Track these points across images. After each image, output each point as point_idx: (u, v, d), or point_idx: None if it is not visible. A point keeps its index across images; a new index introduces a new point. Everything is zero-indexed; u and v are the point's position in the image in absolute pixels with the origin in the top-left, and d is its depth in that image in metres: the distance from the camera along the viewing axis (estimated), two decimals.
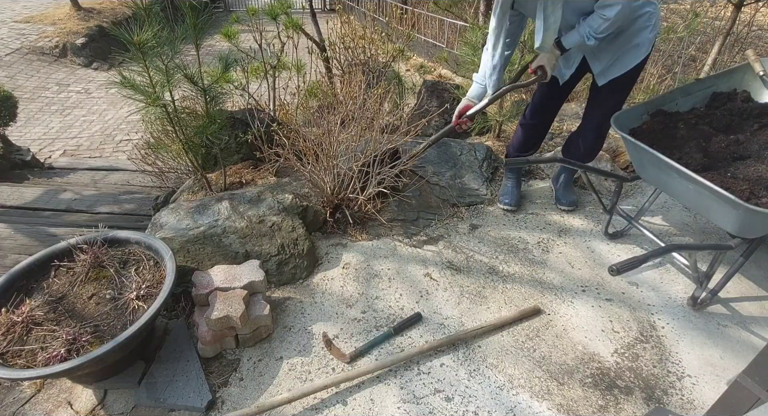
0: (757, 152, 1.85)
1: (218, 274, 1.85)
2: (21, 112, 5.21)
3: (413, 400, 1.61)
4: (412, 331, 1.85)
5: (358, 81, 2.38)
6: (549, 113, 2.39)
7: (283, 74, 3.01)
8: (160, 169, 2.99)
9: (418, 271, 2.12)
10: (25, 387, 1.71)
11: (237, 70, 2.65)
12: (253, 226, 2.09)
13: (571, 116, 3.63)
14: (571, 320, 1.91)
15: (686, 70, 4.77)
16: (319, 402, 1.60)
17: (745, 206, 1.51)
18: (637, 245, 2.29)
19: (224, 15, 11.46)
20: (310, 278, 2.10)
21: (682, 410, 1.59)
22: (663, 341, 1.83)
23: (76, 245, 1.78)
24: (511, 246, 2.28)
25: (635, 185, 2.74)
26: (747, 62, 2.12)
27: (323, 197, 2.32)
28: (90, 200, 3.41)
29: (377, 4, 9.42)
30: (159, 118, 2.18)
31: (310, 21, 4.40)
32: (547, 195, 2.64)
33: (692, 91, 2.11)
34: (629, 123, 2.02)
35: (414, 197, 2.48)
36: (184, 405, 1.59)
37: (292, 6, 3.04)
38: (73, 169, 4.66)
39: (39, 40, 8.73)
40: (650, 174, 1.94)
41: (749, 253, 1.82)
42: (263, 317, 1.75)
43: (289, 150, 2.22)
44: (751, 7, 4.65)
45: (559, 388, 1.65)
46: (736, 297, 2.02)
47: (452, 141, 2.95)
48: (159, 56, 1.91)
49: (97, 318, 1.60)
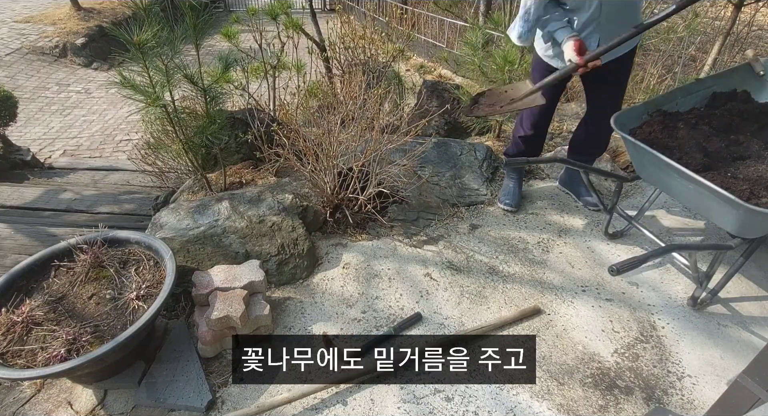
0: (757, 152, 1.85)
1: (218, 274, 1.85)
2: (21, 112, 5.20)
3: (413, 400, 1.60)
4: (412, 331, 1.85)
5: (358, 81, 2.38)
6: (548, 118, 2.39)
7: (283, 74, 3.01)
8: (160, 169, 2.99)
9: (418, 271, 2.12)
10: (25, 387, 1.71)
11: (237, 70, 2.64)
12: (253, 226, 2.08)
13: (571, 116, 3.63)
14: (571, 320, 1.91)
15: (686, 70, 4.77)
16: (319, 402, 1.60)
17: (745, 206, 1.51)
18: (637, 245, 2.28)
19: (224, 15, 11.46)
20: (310, 278, 2.10)
21: (682, 410, 1.59)
22: (663, 341, 1.83)
23: (76, 245, 1.78)
24: (511, 246, 2.28)
25: (635, 185, 2.74)
26: (747, 62, 2.12)
27: (323, 197, 2.32)
28: (90, 200, 3.41)
29: (377, 4, 9.42)
30: (159, 118, 2.18)
31: (310, 21, 4.39)
32: (547, 195, 2.64)
33: (692, 91, 2.11)
34: (629, 123, 2.02)
35: (414, 197, 2.48)
36: (184, 405, 1.59)
37: (292, 6, 3.04)
38: (73, 169, 4.66)
39: (39, 40, 8.72)
40: (650, 174, 1.93)
41: (749, 253, 1.82)
42: (263, 317, 1.75)
43: (289, 150, 2.22)
44: (751, 7, 4.65)
45: (559, 388, 1.65)
46: (736, 297, 2.02)
47: (452, 141, 2.95)
48: (159, 56, 1.91)
49: (97, 318, 1.60)
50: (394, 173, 2.26)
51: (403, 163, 2.30)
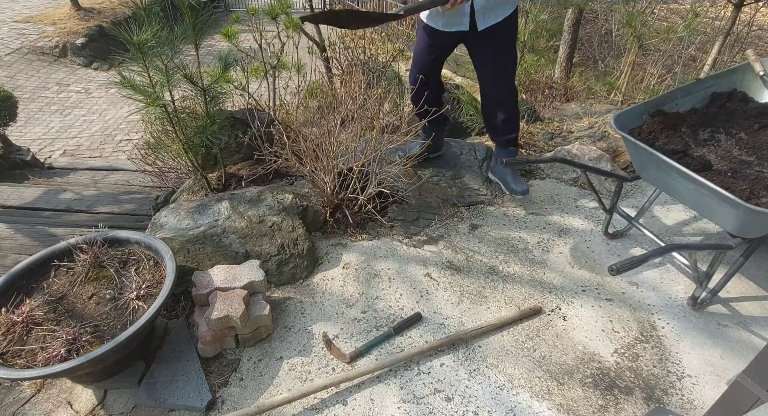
0: (758, 152, 1.85)
1: (218, 274, 1.85)
2: (21, 112, 5.21)
3: (413, 400, 1.61)
4: (412, 331, 1.85)
5: (358, 81, 2.38)
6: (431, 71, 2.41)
7: (283, 74, 3.00)
8: (160, 169, 2.99)
9: (418, 271, 2.12)
10: (25, 387, 1.71)
11: (237, 70, 2.64)
12: (253, 226, 2.09)
13: (571, 116, 3.63)
14: (571, 320, 1.91)
15: (686, 70, 4.77)
16: (319, 402, 1.60)
17: (745, 206, 1.51)
18: (637, 245, 2.28)
19: (224, 15, 11.45)
20: (310, 278, 2.10)
21: (682, 410, 1.59)
22: (663, 341, 1.83)
23: (76, 245, 1.78)
24: (511, 246, 2.28)
25: (635, 184, 2.74)
26: (747, 62, 2.12)
27: (323, 197, 2.32)
28: (90, 200, 3.41)
29: (377, 4, 9.41)
30: (159, 118, 2.18)
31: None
32: (547, 195, 2.64)
33: (692, 91, 2.11)
34: (629, 123, 2.02)
35: (414, 197, 2.48)
36: (184, 405, 1.59)
37: (292, 6, 3.03)
38: (73, 169, 4.66)
39: (39, 40, 8.72)
40: (650, 174, 1.93)
41: (749, 253, 1.82)
42: (263, 317, 1.75)
43: (289, 150, 2.22)
44: (751, 7, 4.65)
45: (559, 388, 1.65)
46: (736, 297, 2.02)
47: (452, 141, 2.95)
48: (159, 56, 1.91)
49: (97, 318, 1.60)
50: (394, 173, 2.26)
51: (403, 163, 2.30)
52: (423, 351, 1.73)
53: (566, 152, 2.84)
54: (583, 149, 2.82)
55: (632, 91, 4.21)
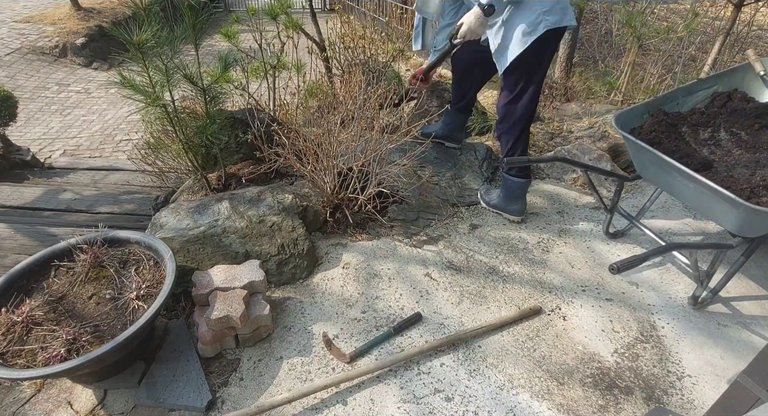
0: (758, 152, 1.85)
1: (218, 274, 1.85)
2: (21, 112, 5.20)
3: (413, 400, 1.60)
4: (412, 331, 1.85)
5: (358, 81, 2.38)
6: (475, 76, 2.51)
7: (283, 74, 3.00)
8: (160, 169, 2.99)
9: (418, 271, 2.12)
10: (25, 387, 1.71)
11: (237, 70, 2.64)
12: (253, 226, 2.08)
13: (571, 116, 3.63)
14: (571, 320, 1.91)
15: (686, 70, 4.77)
16: (319, 402, 1.60)
17: (745, 205, 1.51)
18: (637, 245, 2.28)
19: (224, 15, 11.45)
20: (310, 278, 2.09)
21: (682, 410, 1.59)
22: (663, 341, 1.83)
23: (76, 245, 1.78)
24: (511, 246, 2.28)
25: (636, 184, 2.74)
26: (747, 62, 2.12)
27: (323, 197, 2.32)
28: (90, 200, 3.41)
29: (377, 4, 9.41)
30: (159, 118, 2.18)
31: (310, 21, 4.39)
32: (547, 195, 2.64)
33: (693, 91, 2.12)
34: (630, 122, 2.02)
35: (414, 197, 2.48)
36: (184, 405, 1.59)
37: (292, 6, 3.03)
38: (73, 169, 4.65)
39: (39, 40, 8.72)
40: (651, 174, 1.93)
41: (750, 252, 1.82)
42: (263, 317, 1.75)
43: (289, 150, 2.22)
44: (751, 7, 4.65)
45: (559, 388, 1.65)
46: (736, 297, 2.02)
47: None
48: (159, 56, 1.91)
49: (97, 318, 1.60)
50: (394, 173, 2.26)
51: (403, 163, 2.30)
52: (423, 351, 1.73)
53: (566, 151, 2.84)
54: (584, 149, 2.82)
55: (632, 91, 4.21)
